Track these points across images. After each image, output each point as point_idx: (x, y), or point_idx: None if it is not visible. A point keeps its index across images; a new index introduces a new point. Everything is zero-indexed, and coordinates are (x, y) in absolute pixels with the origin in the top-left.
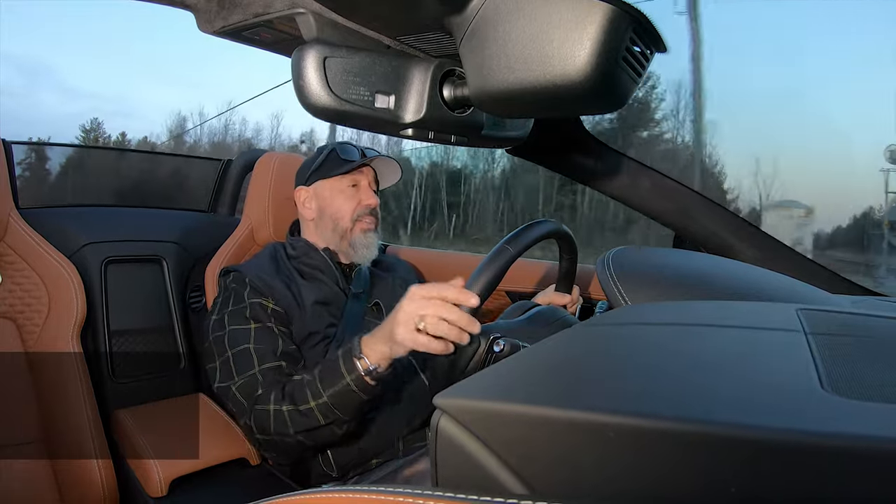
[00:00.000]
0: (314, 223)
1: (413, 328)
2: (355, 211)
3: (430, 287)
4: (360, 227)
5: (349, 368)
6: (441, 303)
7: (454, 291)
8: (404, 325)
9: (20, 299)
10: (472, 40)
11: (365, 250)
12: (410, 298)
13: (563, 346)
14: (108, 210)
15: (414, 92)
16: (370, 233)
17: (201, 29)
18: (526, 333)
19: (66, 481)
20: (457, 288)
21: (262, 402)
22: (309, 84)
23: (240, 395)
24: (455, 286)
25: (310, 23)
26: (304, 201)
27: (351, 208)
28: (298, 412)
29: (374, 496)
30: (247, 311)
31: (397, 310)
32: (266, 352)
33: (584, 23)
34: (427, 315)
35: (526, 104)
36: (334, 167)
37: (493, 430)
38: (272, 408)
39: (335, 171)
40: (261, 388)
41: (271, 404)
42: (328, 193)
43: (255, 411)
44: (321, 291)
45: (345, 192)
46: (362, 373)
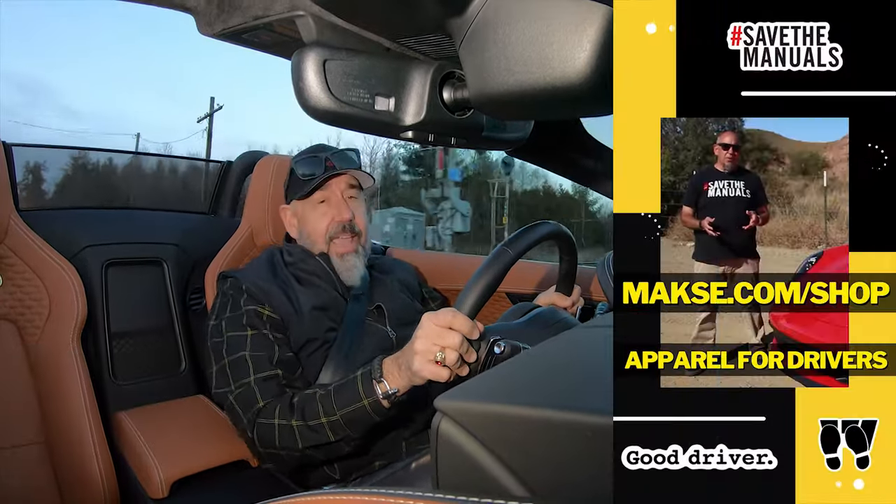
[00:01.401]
0: (299, 241)
1: (433, 360)
2: (328, 230)
3: (443, 316)
4: (335, 250)
5: (368, 392)
6: (456, 335)
7: (466, 324)
8: (422, 356)
9: (21, 301)
10: (471, 42)
11: (347, 273)
12: (427, 329)
13: (563, 349)
14: (109, 212)
15: (414, 94)
16: (348, 255)
17: (201, 31)
18: (526, 335)
19: (66, 483)
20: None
21: (265, 415)
22: (309, 86)
23: (237, 405)
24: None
25: (309, 25)
26: (289, 220)
27: (323, 228)
28: (308, 427)
29: (375, 498)
30: (243, 318)
31: (415, 339)
32: (262, 360)
33: (584, 25)
34: (447, 349)
35: (526, 106)
36: (298, 187)
37: (493, 432)
38: (277, 422)
39: (300, 190)
40: (261, 400)
41: (276, 418)
42: (302, 212)
43: (259, 425)
44: (319, 297)
45: (317, 209)
46: (380, 397)
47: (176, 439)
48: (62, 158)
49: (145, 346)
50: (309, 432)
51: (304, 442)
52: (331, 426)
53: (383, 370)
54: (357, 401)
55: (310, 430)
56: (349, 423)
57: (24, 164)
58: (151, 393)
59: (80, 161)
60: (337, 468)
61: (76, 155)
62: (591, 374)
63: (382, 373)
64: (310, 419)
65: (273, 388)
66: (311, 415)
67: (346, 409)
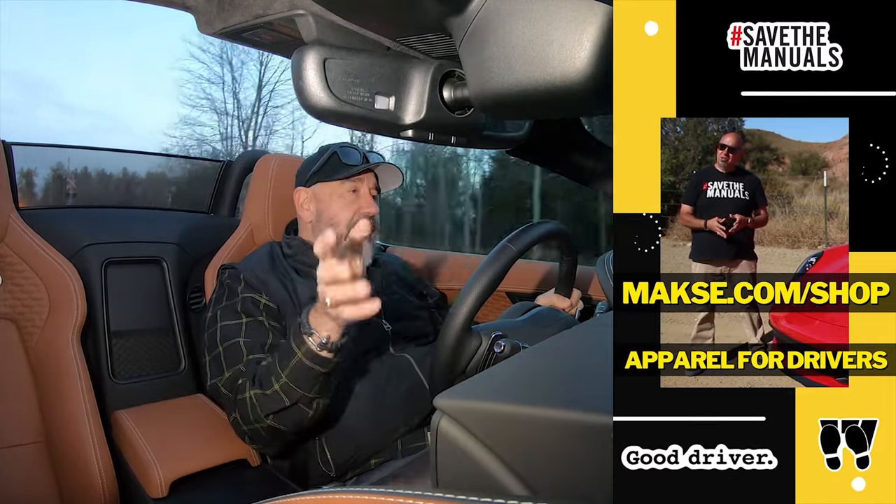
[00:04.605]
0: (311, 225)
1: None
2: (352, 219)
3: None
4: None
5: (298, 343)
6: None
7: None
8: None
9: (20, 300)
10: (471, 41)
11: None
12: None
13: (563, 348)
14: (108, 211)
15: (414, 93)
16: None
17: (201, 30)
18: (526, 334)
19: (66, 482)
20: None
21: (240, 391)
22: (309, 85)
23: (224, 388)
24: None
25: (310, 24)
26: (303, 203)
27: (348, 216)
28: (265, 395)
29: (374, 497)
30: (239, 305)
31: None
32: (254, 345)
33: (583, 24)
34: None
35: (526, 105)
36: (334, 171)
37: (493, 431)
38: (247, 395)
39: (335, 175)
40: (241, 378)
41: (247, 392)
42: (327, 197)
43: (238, 402)
44: (317, 289)
45: (344, 197)
46: (313, 346)
47: (175, 438)
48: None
49: (145, 345)
50: (266, 400)
51: (264, 410)
52: (282, 389)
53: (310, 321)
54: (292, 355)
55: (267, 398)
56: (296, 381)
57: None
58: (151, 392)
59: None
60: (332, 466)
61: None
62: (591, 373)
63: (310, 324)
64: (266, 388)
65: (254, 368)
66: (266, 383)
67: (287, 368)
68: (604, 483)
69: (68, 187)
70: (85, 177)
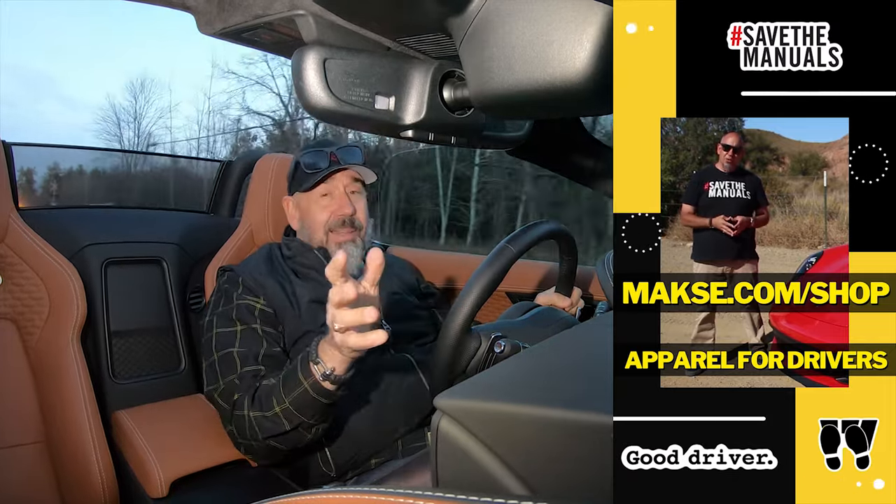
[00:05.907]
0: (299, 232)
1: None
2: (327, 223)
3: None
4: (335, 239)
5: (305, 374)
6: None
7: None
8: (330, 328)
9: (20, 300)
10: (472, 42)
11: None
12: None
13: (563, 348)
14: (108, 211)
15: (414, 93)
16: (346, 244)
17: (201, 31)
18: (526, 334)
19: (66, 482)
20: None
21: (238, 407)
22: (309, 85)
23: (221, 399)
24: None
25: (310, 24)
26: (289, 211)
27: (323, 220)
28: (265, 418)
29: (374, 497)
30: (233, 311)
31: None
32: (248, 356)
33: (583, 24)
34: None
35: (526, 105)
36: (303, 180)
37: (493, 431)
38: (245, 413)
39: (304, 183)
40: (237, 392)
41: (245, 410)
42: (305, 205)
43: (235, 417)
44: (316, 290)
45: (318, 202)
46: (318, 378)
47: (175, 438)
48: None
49: (145, 345)
50: (266, 422)
51: (263, 433)
52: (284, 414)
53: (319, 351)
54: (298, 384)
55: (267, 421)
56: (299, 408)
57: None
58: (151, 392)
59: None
60: (332, 466)
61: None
62: (591, 373)
63: (318, 354)
64: (266, 410)
65: (251, 383)
66: (267, 405)
67: (292, 395)
68: (604, 483)
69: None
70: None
